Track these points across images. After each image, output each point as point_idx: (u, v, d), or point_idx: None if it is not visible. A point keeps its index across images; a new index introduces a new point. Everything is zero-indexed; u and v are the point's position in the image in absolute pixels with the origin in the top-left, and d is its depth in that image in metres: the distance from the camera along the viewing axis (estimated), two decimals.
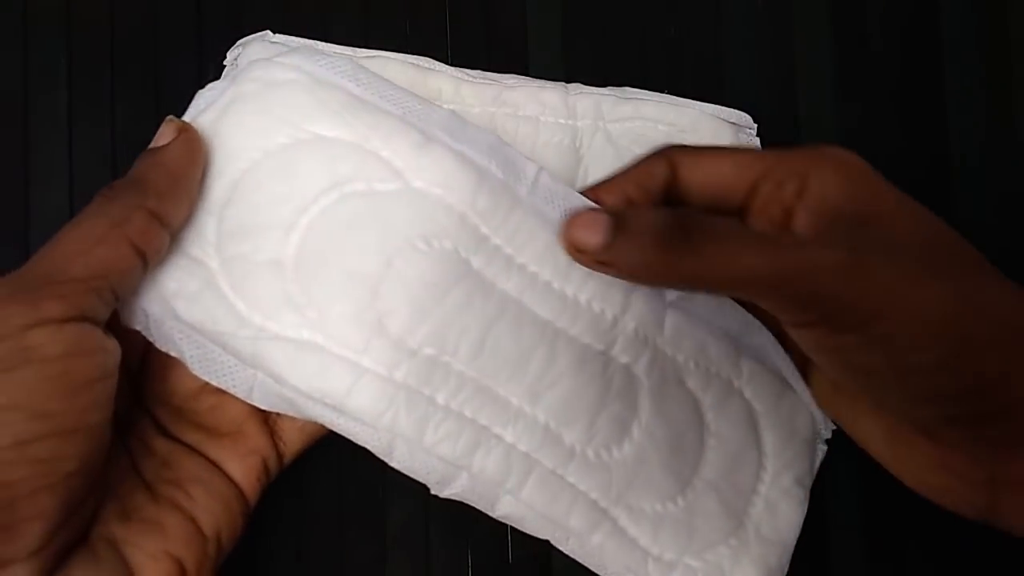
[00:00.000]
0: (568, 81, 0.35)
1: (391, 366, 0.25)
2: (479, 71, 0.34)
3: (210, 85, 0.28)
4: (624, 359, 0.27)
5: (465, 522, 0.34)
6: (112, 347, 0.23)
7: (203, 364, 0.25)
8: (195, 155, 0.25)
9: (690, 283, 0.23)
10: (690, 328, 0.28)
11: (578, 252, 0.25)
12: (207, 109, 0.26)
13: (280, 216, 0.25)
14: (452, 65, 0.35)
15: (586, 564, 0.28)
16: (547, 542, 0.27)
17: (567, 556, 0.27)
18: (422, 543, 0.34)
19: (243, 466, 0.27)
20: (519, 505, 0.26)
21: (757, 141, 0.34)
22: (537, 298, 0.26)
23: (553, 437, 0.26)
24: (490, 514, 0.27)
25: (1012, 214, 0.36)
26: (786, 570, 0.29)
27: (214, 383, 0.25)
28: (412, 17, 0.36)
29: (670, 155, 0.26)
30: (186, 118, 0.26)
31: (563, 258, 0.26)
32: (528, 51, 0.37)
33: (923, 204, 0.24)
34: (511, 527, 0.28)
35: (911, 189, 0.24)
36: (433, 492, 0.27)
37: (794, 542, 0.29)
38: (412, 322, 0.25)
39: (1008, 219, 0.36)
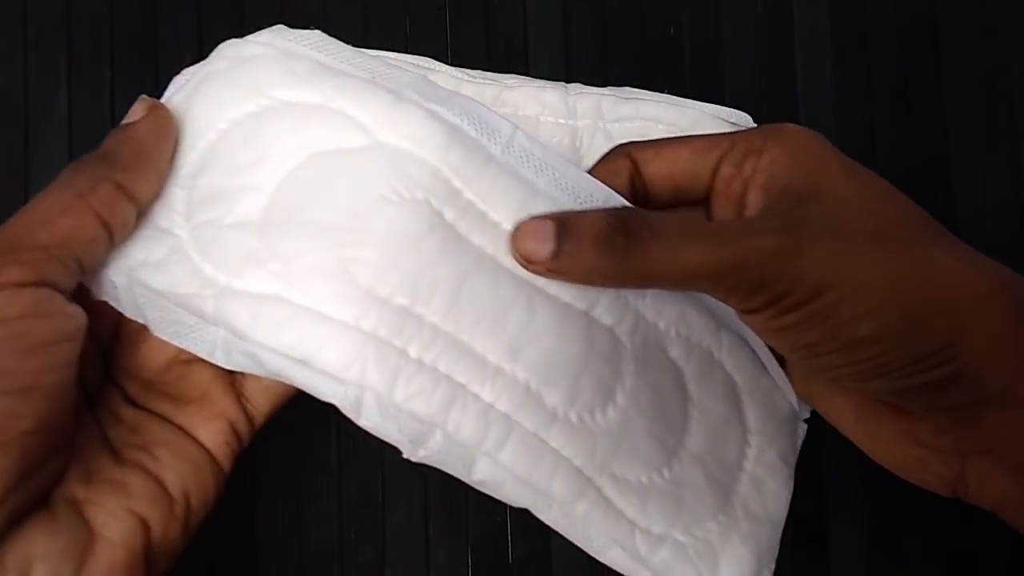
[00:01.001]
0: (568, 81, 0.35)
1: (359, 315, 0.24)
2: (479, 71, 0.35)
3: (185, 70, 0.28)
4: (607, 320, 0.27)
5: (465, 522, 0.34)
6: (74, 312, 0.23)
7: (165, 325, 0.25)
8: (165, 131, 0.25)
9: (641, 283, 0.23)
10: (671, 295, 0.27)
11: (529, 263, 0.24)
12: (179, 90, 0.27)
13: (248, 180, 0.25)
14: (452, 65, 0.35)
15: (569, 536, 0.27)
16: (548, 541, 0.27)
17: (567, 556, 0.27)
18: (422, 543, 0.34)
19: (211, 430, 0.27)
20: (498, 469, 0.25)
21: None
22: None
23: (534, 397, 0.25)
24: (466, 480, 0.26)
25: (1012, 214, 0.36)
26: (777, 551, 0.28)
27: (176, 343, 0.25)
28: (412, 17, 0.36)
29: (630, 151, 0.26)
30: (162, 100, 0.27)
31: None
32: (528, 51, 0.37)
33: (922, 204, 0.24)
34: (511, 527, 0.28)
35: (910, 190, 0.24)
36: (405, 455, 0.25)
37: (783, 520, 0.28)
38: (381, 270, 0.24)
39: (1008, 219, 0.36)
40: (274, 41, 0.27)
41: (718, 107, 0.34)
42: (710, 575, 0.27)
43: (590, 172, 0.27)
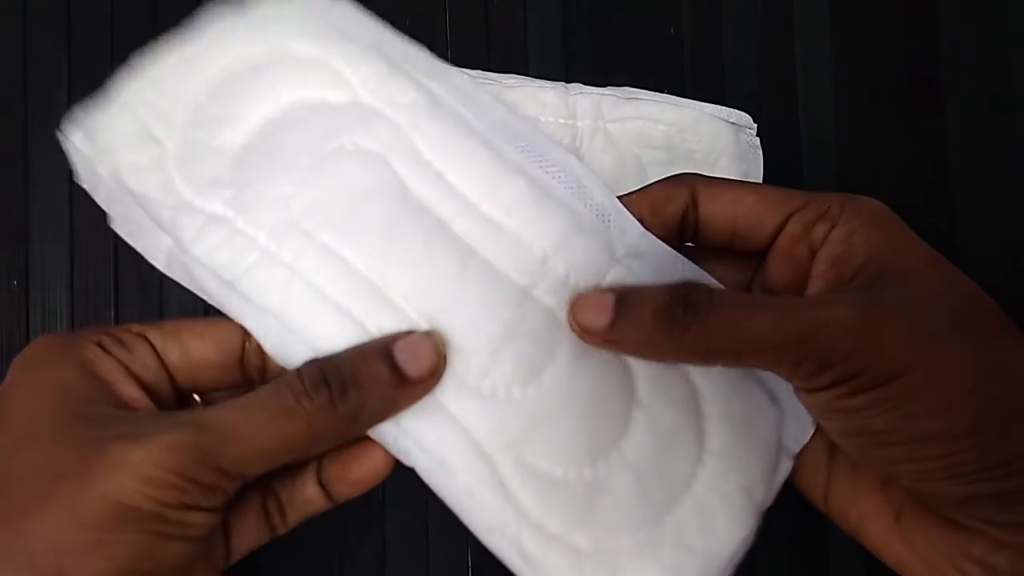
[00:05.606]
0: (568, 81, 0.35)
1: (283, 246, 0.25)
2: (479, 71, 0.34)
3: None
4: (548, 301, 0.25)
5: None
6: None
7: (124, 223, 0.27)
8: (406, 406, 0.24)
9: (699, 355, 0.23)
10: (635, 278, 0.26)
11: (585, 332, 0.24)
12: (219, 22, 0.29)
13: (241, 112, 0.27)
14: (452, 65, 0.35)
15: (450, 506, 0.25)
16: None
17: None
18: (422, 543, 0.34)
19: None
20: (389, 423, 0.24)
21: (757, 141, 0.34)
22: (459, 215, 0.26)
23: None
24: None
25: (1012, 214, 0.36)
26: None
27: (129, 242, 0.27)
28: (412, 17, 0.36)
29: (692, 182, 0.26)
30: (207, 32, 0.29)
31: (503, 188, 0.26)
32: (528, 51, 0.37)
33: (922, 205, 0.24)
34: None
35: (910, 189, 0.25)
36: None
37: (724, 559, 0.24)
38: (312, 206, 0.26)
39: (1008, 219, 0.36)
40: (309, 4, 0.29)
41: (718, 107, 0.34)
42: None
43: (642, 190, 0.26)
